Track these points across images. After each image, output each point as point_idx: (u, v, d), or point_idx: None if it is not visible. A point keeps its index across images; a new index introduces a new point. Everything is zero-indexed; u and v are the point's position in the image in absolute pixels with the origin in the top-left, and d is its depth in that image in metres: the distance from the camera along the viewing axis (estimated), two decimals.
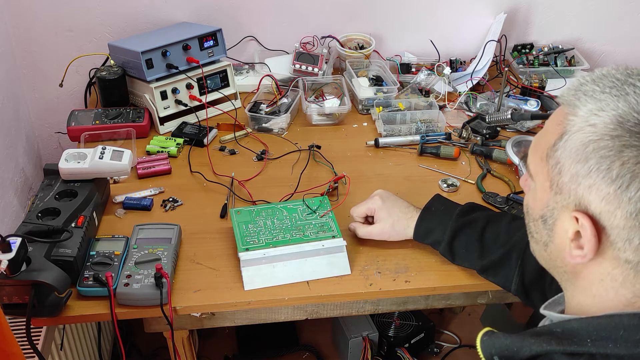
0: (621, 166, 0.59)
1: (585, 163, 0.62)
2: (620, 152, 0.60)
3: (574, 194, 0.63)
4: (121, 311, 1.06)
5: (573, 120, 0.64)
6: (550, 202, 0.67)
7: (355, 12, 1.81)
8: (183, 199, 1.32)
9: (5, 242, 0.94)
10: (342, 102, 1.62)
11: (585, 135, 0.62)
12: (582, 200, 0.63)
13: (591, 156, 0.61)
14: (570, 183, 0.64)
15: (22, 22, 1.67)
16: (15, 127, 1.63)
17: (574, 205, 0.64)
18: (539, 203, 0.69)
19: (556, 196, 0.66)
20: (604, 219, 0.62)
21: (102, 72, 1.54)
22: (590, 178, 0.61)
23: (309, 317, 1.19)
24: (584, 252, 0.64)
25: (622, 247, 0.62)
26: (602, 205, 0.61)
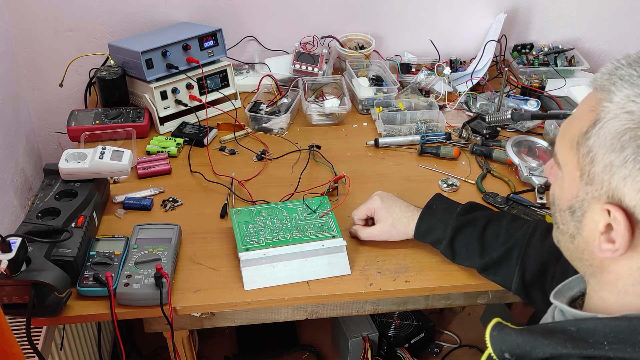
0: None
1: (621, 152, 0.58)
2: None
3: (607, 185, 0.60)
4: (121, 311, 1.06)
5: (608, 107, 0.60)
6: (580, 192, 0.64)
7: (355, 12, 1.81)
8: (183, 199, 1.32)
9: (5, 242, 0.94)
10: (342, 102, 1.62)
11: (622, 123, 0.59)
12: (615, 191, 0.60)
13: (627, 145, 0.58)
14: (603, 173, 0.60)
15: (22, 22, 1.67)
16: (15, 127, 1.63)
17: (607, 197, 0.61)
18: (567, 193, 0.66)
19: (587, 187, 0.63)
20: (639, 212, 0.59)
21: (102, 72, 1.54)
22: (626, 168, 0.58)
23: (309, 317, 1.19)
24: (615, 247, 0.61)
25: None
26: (638, 198, 0.58)
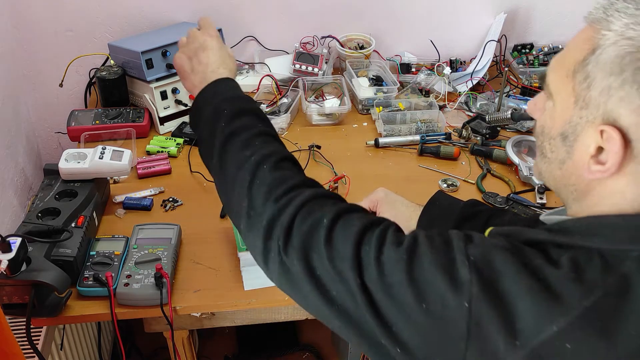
0: None
1: (620, 75, 0.62)
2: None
3: (603, 107, 0.63)
4: (121, 311, 1.06)
5: (607, 35, 0.63)
6: (573, 117, 0.67)
7: (355, 12, 1.81)
8: (183, 199, 1.32)
9: (5, 242, 0.94)
10: (342, 102, 1.62)
11: (622, 48, 0.62)
12: (611, 113, 0.63)
13: (627, 68, 0.61)
14: (600, 96, 0.63)
15: (22, 22, 1.66)
16: (15, 127, 1.62)
17: (602, 120, 0.64)
18: (559, 121, 0.69)
19: (581, 111, 0.66)
20: (632, 131, 0.62)
21: (102, 72, 1.54)
22: (623, 90, 0.61)
23: (309, 317, 1.19)
24: (605, 167, 0.64)
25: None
26: (632, 117, 0.61)
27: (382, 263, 0.66)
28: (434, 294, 0.62)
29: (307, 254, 0.70)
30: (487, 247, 0.64)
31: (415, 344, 0.64)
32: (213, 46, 1.00)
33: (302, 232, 0.71)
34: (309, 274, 0.70)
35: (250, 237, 0.77)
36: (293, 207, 0.73)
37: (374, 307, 0.65)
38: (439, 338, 0.62)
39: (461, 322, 0.61)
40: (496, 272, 0.62)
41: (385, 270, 0.65)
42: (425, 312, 0.62)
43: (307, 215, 0.73)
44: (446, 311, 0.62)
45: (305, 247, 0.71)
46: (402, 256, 0.65)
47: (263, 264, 0.77)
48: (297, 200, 0.74)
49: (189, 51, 1.01)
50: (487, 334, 0.60)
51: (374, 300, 0.65)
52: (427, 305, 0.62)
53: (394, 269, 0.65)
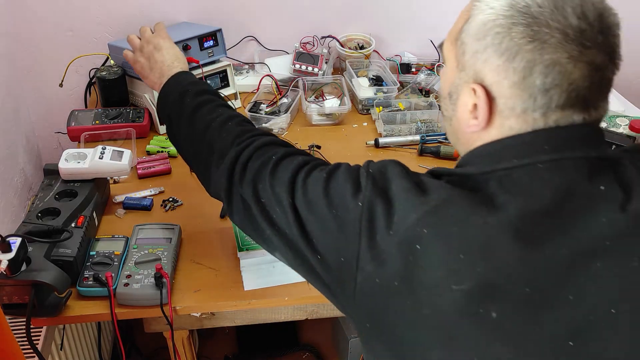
0: (510, 41, 0.68)
1: (483, 40, 0.71)
2: (510, 28, 0.68)
3: (473, 69, 0.73)
4: (121, 311, 1.06)
5: (477, 5, 0.73)
6: (455, 79, 0.77)
7: (355, 12, 1.81)
8: (183, 199, 1.32)
9: (5, 242, 0.94)
10: (342, 102, 1.62)
11: (485, 16, 0.71)
12: (479, 73, 0.72)
13: (488, 33, 0.70)
14: (471, 59, 0.73)
15: (22, 22, 1.67)
16: (15, 127, 1.63)
17: (473, 80, 0.73)
18: (447, 82, 0.79)
19: (460, 73, 0.75)
20: (495, 89, 0.71)
21: (102, 72, 1.54)
22: (486, 53, 0.71)
23: (309, 317, 1.19)
24: (478, 121, 0.74)
25: (508, 115, 0.71)
26: (493, 76, 0.71)
27: (306, 184, 0.79)
28: (341, 201, 0.75)
29: (255, 184, 0.85)
30: (384, 163, 0.77)
31: (328, 249, 0.75)
32: (166, 46, 1.19)
33: (255, 167, 0.86)
34: (257, 200, 0.84)
35: (219, 180, 0.92)
36: (251, 148, 0.89)
37: (300, 223, 0.78)
38: (343, 239, 0.73)
39: (356, 220, 0.72)
40: (386, 179, 0.74)
41: (308, 189, 0.79)
42: (335, 217, 0.74)
43: (261, 154, 0.88)
44: (347, 213, 0.73)
45: (255, 179, 0.85)
46: (323, 175, 0.79)
47: (227, 202, 0.91)
48: (255, 143, 0.90)
49: (145, 54, 1.20)
50: (373, 228, 0.70)
51: (300, 217, 0.78)
52: (336, 211, 0.74)
53: (315, 187, 0.78)
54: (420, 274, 0.67)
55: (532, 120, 0.71)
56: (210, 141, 0.96)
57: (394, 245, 0.68)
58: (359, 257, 0.71)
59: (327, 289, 0.79)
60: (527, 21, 0.68)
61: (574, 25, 0.67)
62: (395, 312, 0.69)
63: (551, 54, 0.67)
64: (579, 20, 0.68)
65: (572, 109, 0.70)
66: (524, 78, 0.68)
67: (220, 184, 0.91)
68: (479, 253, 0.65)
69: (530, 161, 0.69)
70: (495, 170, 0.71)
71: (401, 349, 0.70)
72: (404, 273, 0.67)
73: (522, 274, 0.64)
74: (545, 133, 0.70)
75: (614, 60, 0.72)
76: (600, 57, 0.69)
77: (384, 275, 0.69)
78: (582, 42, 0.67)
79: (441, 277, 0.65)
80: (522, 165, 0.70)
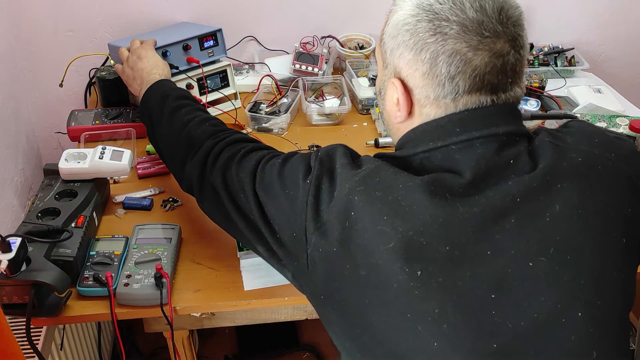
0: (416, 36, 0.76)
1: (396, 37, 0.79)
2: (416, 25, 0.76)
3: (393, 65, 0.81)
4: (121, 311, 1.06)
5: (393, 9, 0.82)
6: (382, 76, 0.86)
7: (355, 12, 1.81)
8: (183, 199, 1.32)
9: (5, 242, 0.94)
10: (342, 102, 1.62)
11: (397, 16, 0.79)
12: (397, 68, 0.80)
13: (400, 31, 0.78)
14: (390, 57, 0.81)
15: (22, 22, 1.67)
16: (15, 127, 1.62)
17: (393, 75, 0.81)
18: (378, 80, 0.89)
19: (385, 70, 0.84)
20: (410, 81, 0.79)
21: (102, 72, 1.54)
22: (400, 49, 0.79)
23: (309, 317, 1.19)
24: (401, 112, 0.81)
25: (424, 103, 0.79)
26: (406, 70, 0.79)
27: (264, 170, 0.88)
28: (293, 182, 0.82)
29: (224, 173, 0.94)
30: (332, 146, 0.85)
31: (282, 227, 0.82)
32: (147, 55, 1.31)
33: (224, 158, 0.96)
34: (224, 187, 0.93)
35: (193, 170, 1.00)
36: (223, 143, 0.99)
37: (260, 205, 0.86)
38: (294, 215, 0.80)
39: (304, 196, 0.79)
40: (332, 159, 0.81)
41: (265, 174, 0.87)
42: (287, 197, 0.82)
43: (231, 148, 0.97)
44: (297, 191, 0.80)
45: (224, 168, 0.94)
46: (279, 161, 0.87)
47: (198, 190, 1.01)
48: (227, 139, 1.00)
49: (130, 63, 1.32)
50: (318, 202, 0.78)
51: (259, 201, 0.86)
52: (288, 190, 0.82)
53: (271, 171, 0.86)
54: (355, 237, 0.73)
55: (444, 106, 0.78)
56: (187, 138, 1.05)
57: (334, 215, 0.75)
58: (306, 230, 0.78)
59: (287, 270, 0.86)
60: (429, 17, 0.76)
61: (472, 18, 0.74)
62: (339, 277, 0.75)
63: (452, 44, 0.74)
64: (477, 13, 0.75)
65: (479, 92, 0.76)
66: (431, 68, 0.76)
67: (193, 174, 1.00)
68: (399, 213, 0.72)
69: (444, 143, 0.77)
70: (417, 154, 0.79)
71: (348, 312, 0.76)
72: (342, 238, 0.74)
73: (440, 233, 0.70)
74: (456, 116, 0.77)
75: (517, 48, 0.77)
76: (500, 45, 0.75)
77: (326, 243, 0.75)
78: (480, 32, 0.74)
79: (372, 239, 0.72)
80: (438, 148, 0.77)
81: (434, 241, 0.70)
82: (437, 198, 0.71)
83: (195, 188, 1.01)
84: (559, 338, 0.69)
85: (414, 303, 0.70)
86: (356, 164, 0.80)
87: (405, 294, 0.70)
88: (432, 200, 0.71)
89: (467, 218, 0.71)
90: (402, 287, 0.70)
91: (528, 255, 0.70)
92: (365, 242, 0.72)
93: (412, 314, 0.70)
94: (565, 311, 0.69)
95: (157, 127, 1.15)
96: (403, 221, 0.71)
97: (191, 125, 1.07)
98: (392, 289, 0.70)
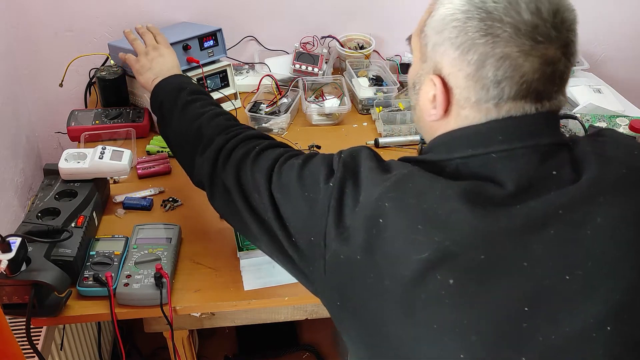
0: (465, 34, 0.72)
1: (442, 33, 0.74)
2: (465, 23, 0.72)
3: (433, 61, 0.77)
4: (121, 311, 1.06)
5: (440, 0, 0.76)
6: (419, 70, 0.81)
7: (355, 12, 1.81)
8: (183, 199, 1.32)
9: (5, 242, 0.94)
10: (342, 102, 1.62)
11: (445, 10, 0.74)
12: (438, 65, 0.76)
13: (446, 27, 0.74)
14: (431, 52, 0.77)
15: (22, 22, 1.67)
16: (15, 127, 1.63)
17: (432, 71, 0.77)
18: (412, 73, 0.84)
19: (423, 64, 0.79)
20: (451, 80, 0.75)
21: (102, 72, 1.54)
22: (444, 45, 0.74)
23: (309, 317, 1.19)
24: (436, 110, 0.77)
25: (463, 105, 0.75)
26: (449, 68, 0.75)
27: (282, 170, 0.85)
28: (314, 184, 0.79)
29: (238, 170, 0.90)
30: (356, 148, 0.82)
31: (299, 230, 0.79)
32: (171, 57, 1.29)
33: (238, 155, 0.92)
34: (237, 185, 0.89)
35: (203, 166, 0.97)
36: (237, 139, 0.96)
37: (275, 206, 0.83)
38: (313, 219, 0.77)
39: (325, 199, 0.76)
40: (356, 162, 0.78)
41: (283, 175, 0.84)
42: (306, 199, 0.79)
43: (245, 144, 0.94)
44: (318, 194, 0.77)
45: (238, 165, 0.91)
46: (298, 162, 0.84)
47: (209, 186, 0.97)
48: (241, 135, 0.97)
49: (149, 57, 1.28)
50: (341, 206, 0.74)
51: (275, 201, 0.83)
52: (307, 193, 0.79)
53: (289, 172, 0.83)
54: (382, 246, 0.70)
55: (485, 110, 0.74)
56: (198, 131, 1.02)
57: (359, 221, 0.72)
58: (325, 235, 0.74)
59: (300, 273, 0.82)
60: (481, 16, 0.71)
61: (526, 21, 0.70)
62: (360, 286, 0.72)
63: (502, 47, 0.70)
64: (532, 16, 0.70)
65: (524, 100, 0.73)
66: (477, 70, 0.72)
67: (204, 170, 0.97)
68: (436, 223, 0.68)
69: (484, 151, 0.73)
70: (452, 159, 0.75)
71: (366, 321, 0.73)
72: (367, 246, 0.70)
73: (478, 244, 0.67)
74: (499, 124, 0.74)
75: (568, 55, 0.73)
76: (552, 51, 0.71)
77: (348, 250, 0.72)
78: (534, 36, 0.70)
79: (402, 248, 0.68)
80: (477, 155, 0.73)
81: (471, 251, 0.67)
82: (477, 208, 0.68)
83: (205, 184, 0.98)
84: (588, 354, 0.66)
85: (443, 313, 0.67)
86: (384, 168, 0.76)
87: (434, 304, 0.67)
88: (471, 210, 0.68)
89: (507, 229, 0.68)
90: (432, 297, 0.67)
91: (565, 268, 0.67)
92: (394, 251, 0.69)
93: (439, 325, 0.67)
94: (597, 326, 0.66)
95: (169, 116, 1.11)
96: (439, 231, 0.68)
97: (203, 119, 1.04)
98: (419, 300, 0.67)
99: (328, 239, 0.74)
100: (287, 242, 0.81)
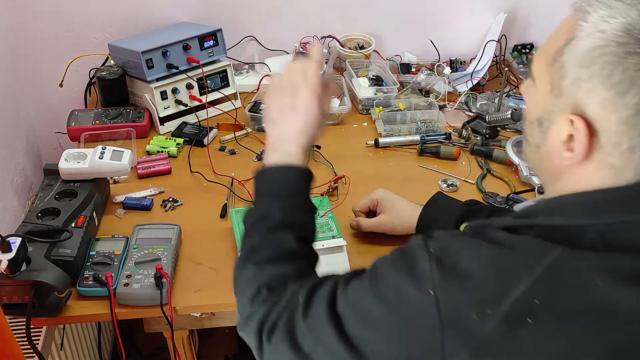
0: (623, 72, 0.61)
1: (589, 67, 0.63)
2: (624, 58, 0.60)
3: (574, 98, 0.65)
4: (121, 311, 1.06)
5: (583, 26, 0.65)
6: (548, 105, 0.68)
7: (355, 12, 1.81)
8: (183, 199, 1.32)
9: (5, 242, 0.94)
10: (342, 102, 1.62)
11: (593, 41, 0.63)
12: (580, 103, 0.64)
13: (596, 61, 0.62)
14: (571, 87, 0.65)
15: (22, 22, 1.66)
16: (15, 127, 1.62)
17: (571, 109, 0.65)
18: (537, 106, 0.71)
19: (555, 100, 0.67)
20: (598, 123, 0.63)
21: (102, 72, 1.54)
22: (591, 82, 0.63)
23: None
24: (574, 154, 0.66)
25: (610, 151, 0.64)
26: (598, 109, 0.63)
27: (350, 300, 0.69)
28: (400, 299, 0.64)
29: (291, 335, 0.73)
30: (445, 237, 0.67)
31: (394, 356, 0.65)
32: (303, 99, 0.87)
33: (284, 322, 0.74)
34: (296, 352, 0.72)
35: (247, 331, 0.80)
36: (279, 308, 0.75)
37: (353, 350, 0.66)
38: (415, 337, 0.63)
39: (431, 310, 0.61)
40: (455, 254, 0.64)
41: (354, 304, 0.68)
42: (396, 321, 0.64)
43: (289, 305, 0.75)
44: (415, 308, 0.63)
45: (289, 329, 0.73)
46: (365, 284, 0.68)
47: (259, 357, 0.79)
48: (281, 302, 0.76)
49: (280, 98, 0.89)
50: (458, 313, 0.61)
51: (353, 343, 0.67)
52: (396, 312, 0.64)
53: (362, 298, 0.67)
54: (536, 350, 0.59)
55: (637, 160, 0.63)
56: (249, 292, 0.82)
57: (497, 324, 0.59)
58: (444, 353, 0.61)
59: None
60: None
61: None
62: None
63: None
64: None
65: None
66: (636, 115, 0.61)
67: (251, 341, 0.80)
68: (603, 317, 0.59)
69: None
70: (595, 224, 0.63)
71: None
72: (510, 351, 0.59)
73: None
74: None
75: None
76: None
77: None
78: None
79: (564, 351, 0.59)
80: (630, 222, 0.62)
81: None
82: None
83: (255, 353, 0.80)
84: None
85: None
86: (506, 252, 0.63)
87: None
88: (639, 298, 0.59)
89: None
90: None
91: None
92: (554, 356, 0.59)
93: None
94: None
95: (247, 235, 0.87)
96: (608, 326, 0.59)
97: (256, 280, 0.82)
98: None
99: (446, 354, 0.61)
100: None
